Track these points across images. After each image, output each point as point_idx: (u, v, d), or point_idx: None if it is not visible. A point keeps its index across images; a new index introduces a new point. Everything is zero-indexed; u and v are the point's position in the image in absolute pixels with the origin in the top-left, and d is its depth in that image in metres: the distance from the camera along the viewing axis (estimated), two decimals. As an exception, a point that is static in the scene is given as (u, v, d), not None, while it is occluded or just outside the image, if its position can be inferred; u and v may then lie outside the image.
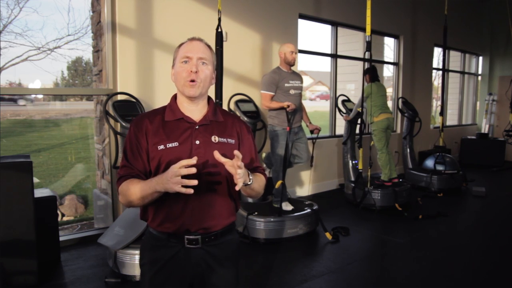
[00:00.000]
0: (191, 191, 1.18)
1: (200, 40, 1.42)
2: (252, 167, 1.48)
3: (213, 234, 1.40)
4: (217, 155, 1.24)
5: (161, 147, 1.35)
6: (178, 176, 1.18)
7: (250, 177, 1.32)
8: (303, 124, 4.16)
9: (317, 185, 5.64)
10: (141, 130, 1.38)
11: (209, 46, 1.43)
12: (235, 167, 1.22)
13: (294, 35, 5.13)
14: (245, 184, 1.30)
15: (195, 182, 1.18)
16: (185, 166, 1.18)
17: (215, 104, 1.49)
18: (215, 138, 1.40)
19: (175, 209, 1.36)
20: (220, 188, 1.40)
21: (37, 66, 5.32)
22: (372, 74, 4.99)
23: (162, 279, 1.39)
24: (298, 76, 4.04)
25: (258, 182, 1.42)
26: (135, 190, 1.30)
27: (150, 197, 1.29)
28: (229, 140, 1.42)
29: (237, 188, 1.24)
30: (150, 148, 1.37)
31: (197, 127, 1.39)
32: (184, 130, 1.39)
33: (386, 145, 4.98)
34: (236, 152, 1.22)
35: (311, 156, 4.20)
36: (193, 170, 1.19)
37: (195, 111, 1.43)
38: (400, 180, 5.08)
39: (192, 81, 1.37)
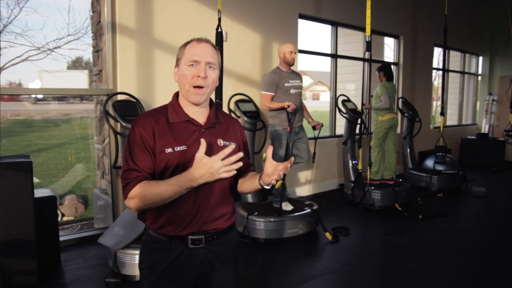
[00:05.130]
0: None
1: (207, 41, 1.37)
2: (248, 167, 1.51)
3: (215, 233, 1.40)
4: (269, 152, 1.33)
5: (169, 150, 1.30)
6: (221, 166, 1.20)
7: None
8: (305, 122, 4.16)
9: (317, 185, 5.64)
10: (147, 130, 1.31)
11: (216, 48, 1.39)
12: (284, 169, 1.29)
13: (294, 35, 5.13)
14: (264, 186, 1.34)
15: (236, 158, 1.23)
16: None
17: (216, 106, 1.48)
18: (220, 142, 1.39)
19: (178, 212, 1.33)
20: (223, 190, 1.40)
21: (37, 66, 5.32)
22: (387, 72, 5.06)
23: (165, 282, 1.37)
24: (297, 75, 4.04)
25: None
26: (161, 190, 1.24)
27: (175, 196, 1.26)
28: (232, 143, 1.40)
29: (267, 179, 1.30)
30: (157, 150, 1.31)
31: (203, 130, 1.37)
32: (192, 133, 1.35)
33: (381, 145, 5.01)
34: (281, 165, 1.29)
35: (313, 153, 4.19)
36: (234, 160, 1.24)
37: (199, 113, 1.40)
38: (400, 180, 5.07)
39: (200, 87, 1.33)
